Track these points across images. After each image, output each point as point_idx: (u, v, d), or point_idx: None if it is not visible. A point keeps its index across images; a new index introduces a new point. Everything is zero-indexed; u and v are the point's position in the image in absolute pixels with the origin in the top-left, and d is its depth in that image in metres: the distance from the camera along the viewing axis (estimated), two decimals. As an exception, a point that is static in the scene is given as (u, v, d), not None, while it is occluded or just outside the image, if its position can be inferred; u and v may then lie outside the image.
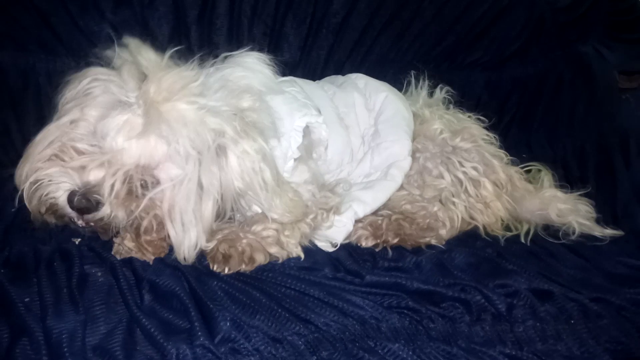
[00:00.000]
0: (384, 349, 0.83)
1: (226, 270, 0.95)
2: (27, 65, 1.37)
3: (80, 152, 0.91)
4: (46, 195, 0.90)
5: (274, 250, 1.01)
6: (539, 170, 1.37)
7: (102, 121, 0.91)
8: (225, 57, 1.04)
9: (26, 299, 0.83)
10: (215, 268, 0.95)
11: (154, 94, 0.89)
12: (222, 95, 0.98)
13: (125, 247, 0.96)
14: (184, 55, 1.01)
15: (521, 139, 1.69)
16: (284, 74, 1.36)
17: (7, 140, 1.34)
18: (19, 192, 0.94)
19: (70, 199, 0.88)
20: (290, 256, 1.02)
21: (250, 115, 0.99)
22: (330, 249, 1.08)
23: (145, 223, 0.92)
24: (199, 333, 0.79)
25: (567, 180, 1.37)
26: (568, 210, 1.25)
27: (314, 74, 1.55)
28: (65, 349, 0.75)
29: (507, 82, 1.72)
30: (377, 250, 1.10)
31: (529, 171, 1.36)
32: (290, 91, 1.16)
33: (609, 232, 1.22)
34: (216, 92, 0.97)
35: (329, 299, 0.90)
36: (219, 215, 0.99)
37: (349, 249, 1.09)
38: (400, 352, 0.82)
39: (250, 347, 0.80)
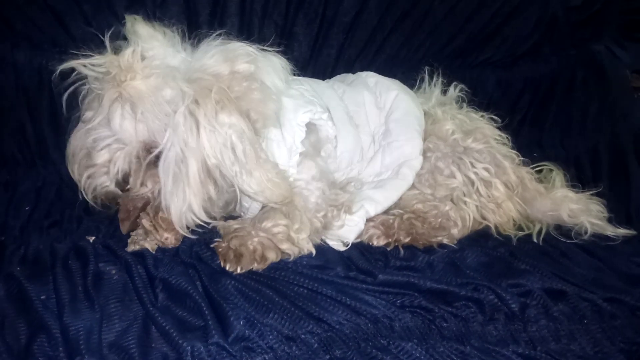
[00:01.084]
0: (397, 348, 0.83)
1: (238, 269, 0.95)
2: (41, 64, 1.38)
3: (99, 147, 0.98)
4: (99, 186, 1.01)
5: (285, 246, 1.01)
6: (551, 170, 1.36)
7: (108, 113, 0.97)
8: None
9: (42, 297, 0.84)
10: (227, 267, 0.96)
11: (116, 80, 0.94)
12: (216, 59, 1.00)
13: (141, 235, 1.00)
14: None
15: (533, 138, 1.68)
16: (294, 73, 1.38)
17: (22, 139, 1.35)
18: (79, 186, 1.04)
19: (116, 184, 0.99)
20: (302, 252, 1.02)
21: (239, 83, 1.00)
22: (342, 248, 1.08)
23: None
24: (213, 331, 0.80)
25: (580, 181, 1.35)
26: (580, 211, 1.24)
27: (325, 72, 1.55)
28: (82, 346, 0.76)
29: (519, 81, 1.71)
30: (388, 249, 1.10)
31: (540, 171, 1.35)
32: (297, 89, 1.17)
33: (621, 231, 1.21)
34: (212, 57, 1.00)
35: (342, 297, 0.91)
36: (217, 186, 1.00)
37: (360, 248, 1.09)
38: (414, 351, 0.82)
39: (264, 345, 0.80)
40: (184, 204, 0.95)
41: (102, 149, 0.98)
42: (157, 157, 0.97)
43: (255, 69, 1.03)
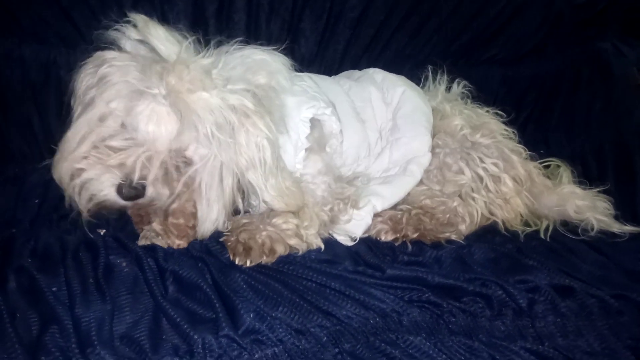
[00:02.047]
0: (406, 342, 0.83)
1: (248, 263, 0.96)
2: (48, 59, 1.38)
3: (115, 149, 0.93)
4: (95, 194, 0.94)
5: (293, 242, 1.02)
6: (558, 166, 1.37)
7: (130, 114, 0.93)
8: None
9: (54, 288, 0.85)
10: (237, 261, 0.96)
11: (177, 86, 0.91)
12: (239, 70, 1.00)
13: (152, 231, 0.99)
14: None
15: (538, 136, 1.68)
16: (301, 70, 1.38)
17: (29, 133, 1.35)
18: (65, 191, 0.97)
19: (119, 192, 0.92)
20: (311, 248, 1.03)
21: (261, 92, 1.01)
22: (350, 243, 1.08)
23: (183, 199, 0.97)
24: (224, 324, 0.80)
25: (586, 178, 1.36)
26: (586, 207, 1.24)
27: (331, 68, 1.55)
28: (94, 338, 0.76)
29: (525, 78, 1.71)
30: (396, 244, 1.11)
31: (547, 167, 1.36)
32: (301, 85, 1.17)
33: (627, 228, 1.21)
34: (234, 68, 1.00)
35: (350, 292, 0.91)
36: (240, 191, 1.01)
37: (368, 243, 1.10)
38: (422, 346, 0.83)
39: (274, 338, 0.81)
40: (218, 216, 0.96)
41: (124, 152, 0.91)
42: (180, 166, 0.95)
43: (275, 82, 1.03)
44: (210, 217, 0.96)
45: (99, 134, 0.95)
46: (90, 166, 0.93)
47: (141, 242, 1.00)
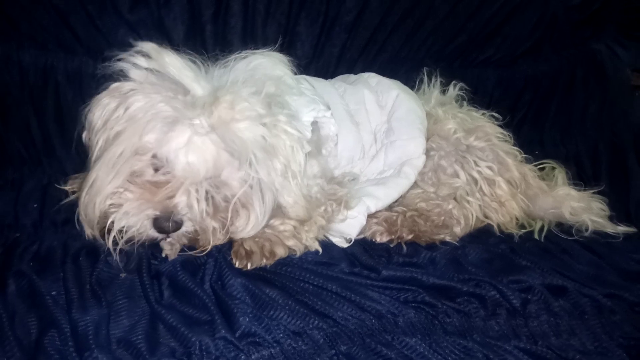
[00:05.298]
0: (401, 343, 0.84)
1: (249, 266, 0.96)
2: (46, 64, 1.38)
3: (156, 184, 0.93)
4: (130, 228, 0.93)
5: (291, 243, 1.03)
6: (553, 168, 1.38)
7: (166, 145, 0.92)
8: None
9: (53, 292, 0.86)
10: (237, 264, 0.97)
11: (225, 116, 0.91)
12: (250, 84, 1.00)
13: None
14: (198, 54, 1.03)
15: (533, 137, 1.69)
16: (296, 72, 1.39)
17: (28, 137, 1.36)
18: (82, 218, 0.97)
19: (156, 226, 0.92)
20: (309, 249, 1.04)
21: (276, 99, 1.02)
22: (345, 245, 1.09)
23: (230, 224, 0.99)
24: (220, 326, 0.81)
25: (580, 178, 1.37)
26: (581, 209, 1.25)
27: (327, 71, 1.56)
28: (91, 341, 0.77)
29: (520, 79, 1.72)
30: (391, 246, 1.11)
31: (542, 169, 1.37)
32: (299, 88, 1.18)
33: (621, 229, 1.22)
34: (244, 82, 0.99)
35: (347, 293, 0.92)
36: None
37: (364, 244, 1.10)
38: (417, 347, 0.83)
39: (271, 340, 0.82)
40: (262, 220, 0.99)
41: (169, 187, 0.91)
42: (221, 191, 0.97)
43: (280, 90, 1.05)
44: (257, 224, 0.99)
45: (132, 168, 0.93)
46: (125, 201, 0.92)
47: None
